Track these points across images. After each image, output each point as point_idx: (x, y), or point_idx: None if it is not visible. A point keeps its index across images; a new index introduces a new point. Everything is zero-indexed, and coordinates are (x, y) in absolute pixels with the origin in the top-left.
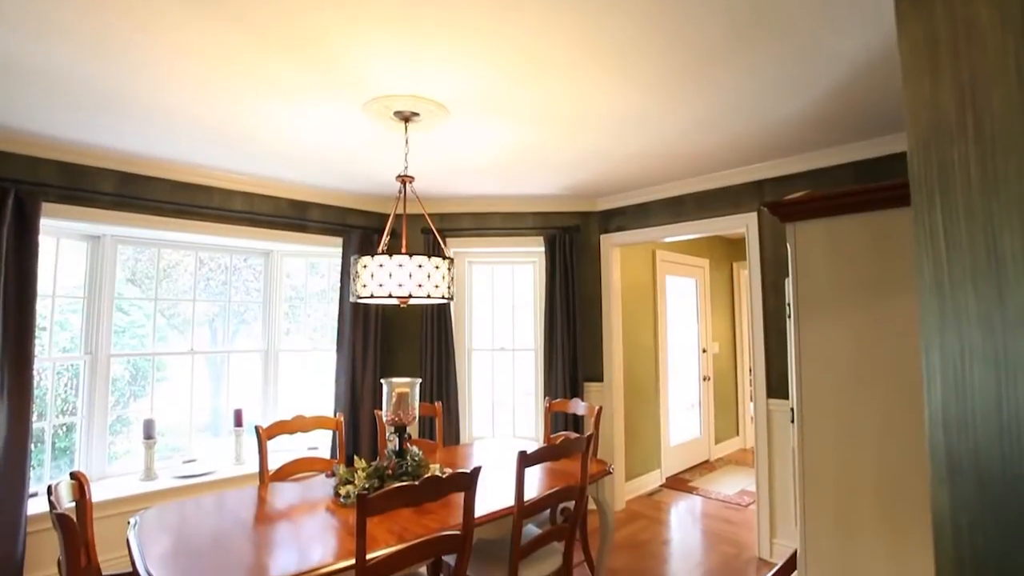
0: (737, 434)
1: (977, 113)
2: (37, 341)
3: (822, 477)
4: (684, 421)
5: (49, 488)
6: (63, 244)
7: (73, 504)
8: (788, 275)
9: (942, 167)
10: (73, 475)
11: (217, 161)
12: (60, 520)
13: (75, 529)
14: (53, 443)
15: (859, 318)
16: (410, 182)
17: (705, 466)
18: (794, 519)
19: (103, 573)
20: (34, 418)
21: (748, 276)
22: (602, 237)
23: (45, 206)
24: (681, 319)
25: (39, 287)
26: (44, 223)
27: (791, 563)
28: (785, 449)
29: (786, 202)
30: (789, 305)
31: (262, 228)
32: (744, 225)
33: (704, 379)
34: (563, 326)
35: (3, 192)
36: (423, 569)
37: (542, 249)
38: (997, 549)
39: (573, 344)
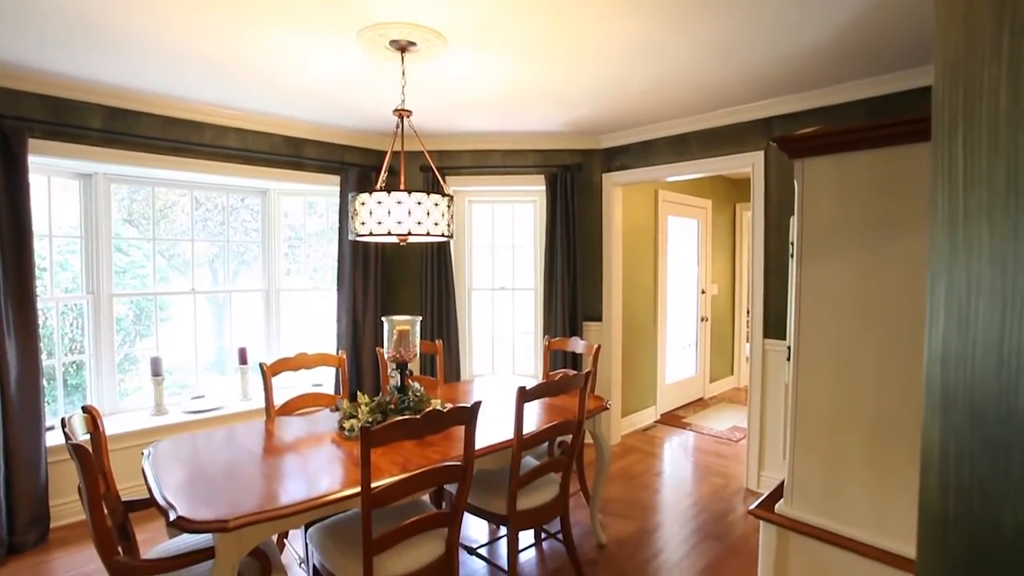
0: (731, 373)
1: (1015, 32)
2: (39, 281)
3: (815, 412)
4: (680, 360)
5: (63, 420)
6: (55, 183)
7: (88, 436)
8: (794, 213)
9: (968, 93)
10: (85, 408)
11: (210, 95)
12: (76, 450)
13: (91, 458)
14: (64, 380)
15: (863, 256)
16: (407, 116)
17: (699, 403)
18: (782, 453)
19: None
20: (43, 356)
21: (751, 217)
22: (604, 176)
23: (32, 142)
24: (682, 260)
25: (35, 227)
26: (32, 160)
27: (777, 492)
28: (777, 388)
29: (796, 137)
30: (793, 244)
31: (257, 166)
32: (750, 164)
33: (702, 320)
34: (563, 266)
35: None
36: (426, 497)
37: (543, 188)
38: (981, 476)
39: (573, 284)
